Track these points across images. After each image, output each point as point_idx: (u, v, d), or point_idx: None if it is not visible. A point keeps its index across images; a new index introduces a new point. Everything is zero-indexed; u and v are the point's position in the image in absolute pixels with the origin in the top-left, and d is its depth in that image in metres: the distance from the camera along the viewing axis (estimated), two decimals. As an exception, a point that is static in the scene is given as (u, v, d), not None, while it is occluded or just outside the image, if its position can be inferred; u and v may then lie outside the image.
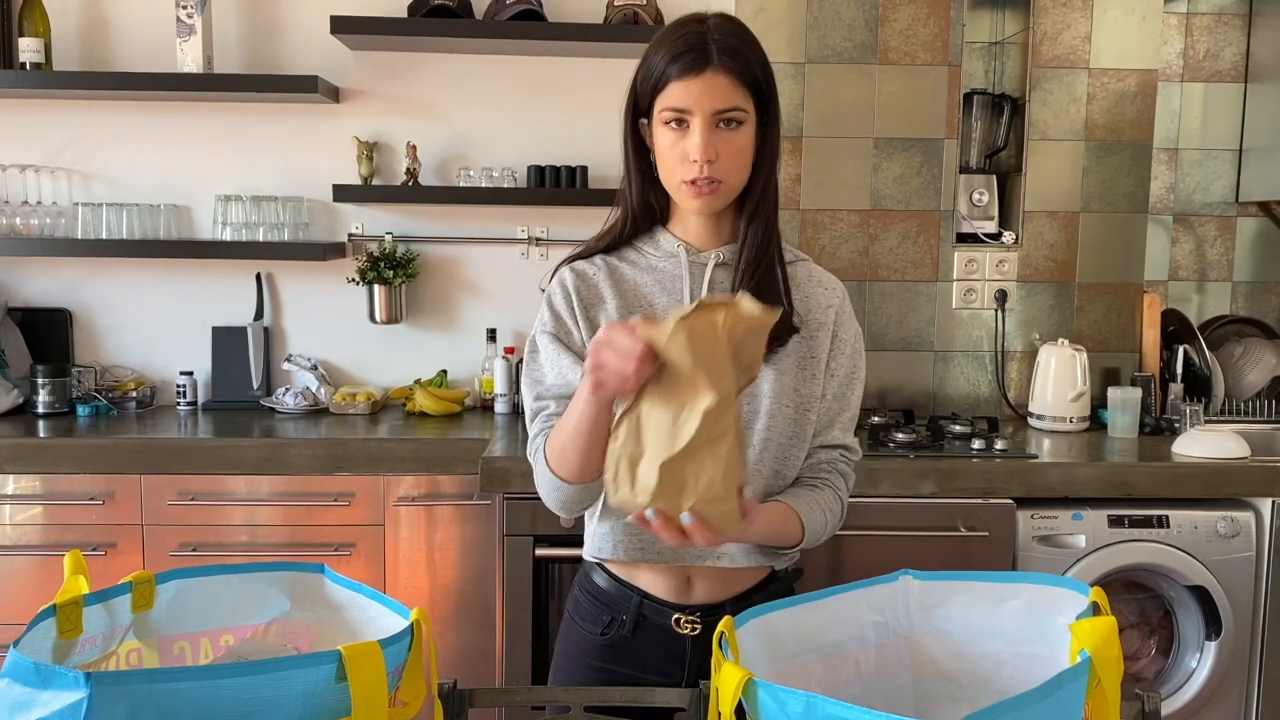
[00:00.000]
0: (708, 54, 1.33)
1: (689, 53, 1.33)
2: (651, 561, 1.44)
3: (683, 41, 1.34)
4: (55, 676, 0.83)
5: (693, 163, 1.34)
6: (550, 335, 1.44)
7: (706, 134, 1.33)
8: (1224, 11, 3.17)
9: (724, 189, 1.38)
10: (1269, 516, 2.49)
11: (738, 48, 1.35)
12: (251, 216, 2.95)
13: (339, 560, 2.55)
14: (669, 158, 1.37)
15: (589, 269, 1.47)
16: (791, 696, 0.89)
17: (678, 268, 1.45)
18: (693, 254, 1.45)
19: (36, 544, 2.57)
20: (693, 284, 1.43)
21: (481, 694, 1.22)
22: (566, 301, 1.44)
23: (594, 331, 1.37)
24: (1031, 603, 1.16)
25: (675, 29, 1.36)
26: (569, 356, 1.42)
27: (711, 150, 1.34)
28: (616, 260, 1.47)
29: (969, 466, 2.48)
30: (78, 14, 2.98)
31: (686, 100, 1.33)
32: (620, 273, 1.46)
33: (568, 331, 1.44)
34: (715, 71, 1.33)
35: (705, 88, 1.32)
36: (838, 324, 1.47)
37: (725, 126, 1.35)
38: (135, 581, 1.11)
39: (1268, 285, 3.26)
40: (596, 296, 1.45)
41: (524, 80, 3.04)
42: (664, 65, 1.34)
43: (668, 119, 1.35)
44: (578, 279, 1.45)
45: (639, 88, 1.38)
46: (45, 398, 2.84)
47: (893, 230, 2.98)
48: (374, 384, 3.11)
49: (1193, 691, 2.51)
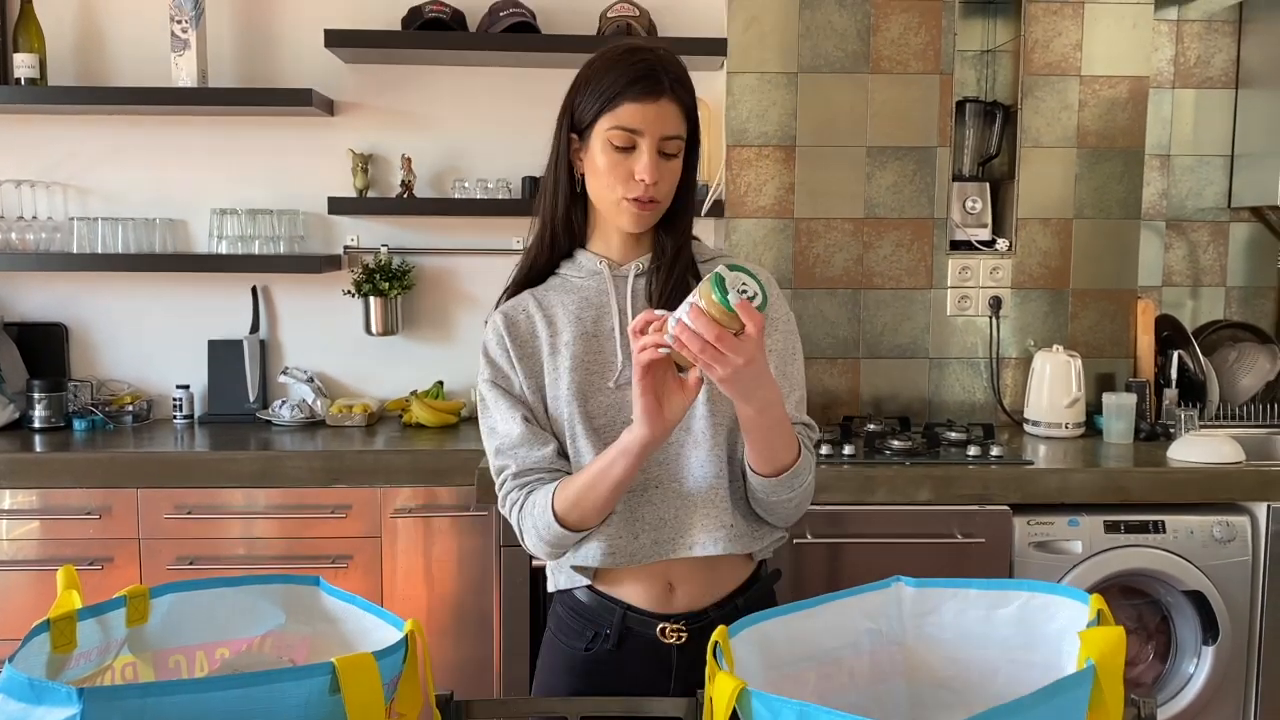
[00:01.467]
0: (662, 83, 1.39)
1: (647, 79, 1.39)
2: (626, 565, 1.44)
3: (640, 67, 1.39)
4: (48, 692, 0.83)
5: (639, 182, 1.40)
6: (489, 383, 1.50)
7: (655, 156, 1.40)
8: (1214, 18, 3.19)
9: (658, 209, 1.45)
10: (1265, 521, 2.49)
11: (686, 82, 1.43)
12: (247, 229, 2.96)
13: (336, 572, 2.55)
14: (609, 176, 1.42)
15: (518, 308, 1.52)
16: (786, 706, 0.89)
17: (602, 283, 1.50)
18: (614, 268, 1.51)
19: (33, 559, 2.56)
20: (618, 295, 1.49)
21: (479, 705, 1.21)
22: (501, 347, 1.49)
23: (532, 374, 1.48)
24: (1025, 610, 1.16)
25: (628, 54, 1.41)
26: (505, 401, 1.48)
27: (656, 173, 1.40)
28: (543, 291, 1.52)
29: (965, 473, 2.48)
30: (72, 29, 2.99)
31: (640, 122, 1.39)
32: (548, 301, 1.51)
33: (506, 378, 1.49)
34: (669, 100, 1.40)
35: (659, 114, 1.39)
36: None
37: (666, 153, 1.41)
38: (130, 595, 1.11)
39: (1261, 290, 3.27)
40: (530, 334, 1.50)
41: (518, 92, 3.06)
42: (620, 86, 1.39)
43: (615, 138, 1.40)
44: (508, 322, 1.50)
45: (579, 105, 1.43)
46: (41, 412, 2.84)
47: (886, 238, 2.99)
48: (370, 396, 3.11)
49: (1190, 697, 2.51)
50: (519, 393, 1.48)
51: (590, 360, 1.47)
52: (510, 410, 1.47)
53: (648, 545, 1.44)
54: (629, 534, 1.44)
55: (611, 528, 1.44)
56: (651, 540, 1.44)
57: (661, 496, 1.45)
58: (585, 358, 1.47)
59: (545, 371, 1.48)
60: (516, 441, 1.46)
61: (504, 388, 1.49)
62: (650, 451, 1.34)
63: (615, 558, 1.44)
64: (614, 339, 1.48)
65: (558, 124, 1.47)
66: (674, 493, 1.45)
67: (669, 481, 1.45)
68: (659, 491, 1.45)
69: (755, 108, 2.95)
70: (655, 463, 1.45)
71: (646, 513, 1.44)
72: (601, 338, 1.48)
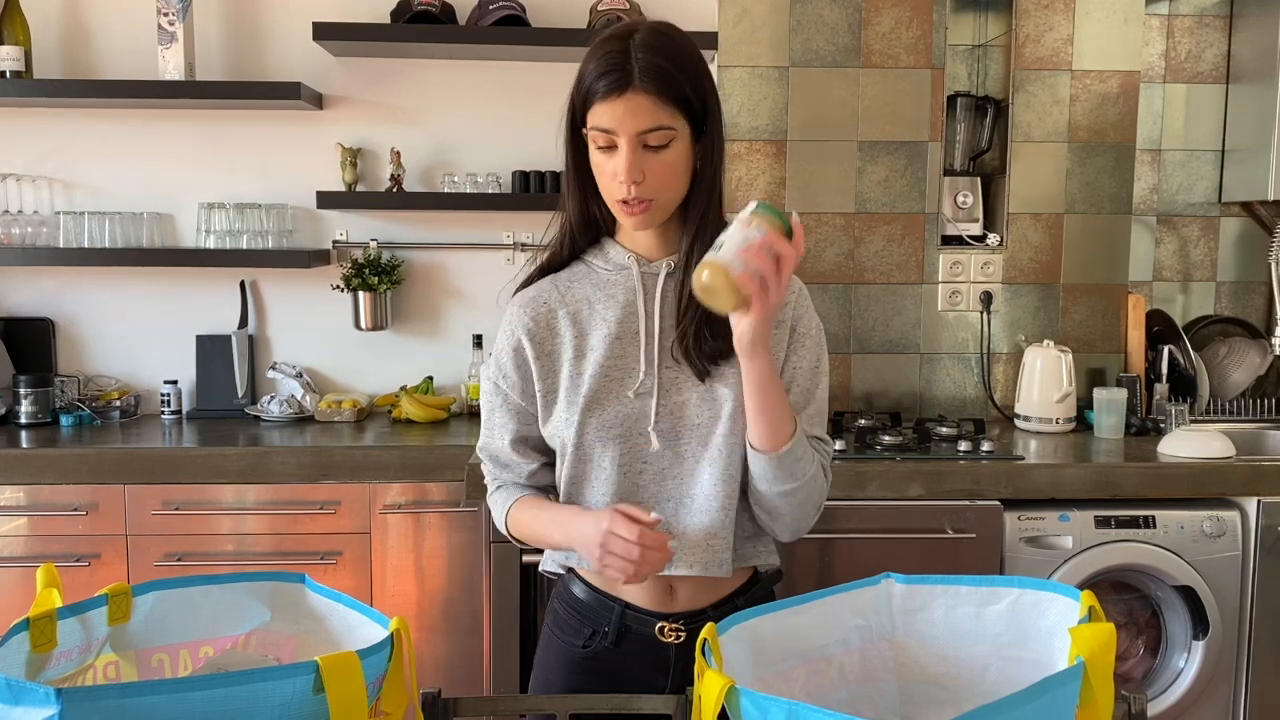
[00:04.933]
0: (629, 74, 1.29)
1: (610, 73, 1.30)
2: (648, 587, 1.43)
3: (605, 61, 1.31)
4: (26, 692, 0.82)
5: (621, 183, 1.33)
6: (492, 381, 1.49)
7: (633, 155, 1.31)
8: (1205, 13, 3.19)
9: (656, 206, 1.36)
10: (1254, 516, 2.50)
11: (661, 66, 1.30)
12: (235, 224, 2.94)
13: (325, 568, 2.54)
14: (602, 178, 1.37)
15: (539, 303, 1.45)
16: (774, 704, 0.89)
17: (629, 280, 1.43)
18: (644, 265, 1.44)
19: (20, 556, 2.55)
20: (646, 298, 1.42)
21: (466, 703, 1.21)
22: (513, 346, 1.45)
23: (549, 373, 1.44)
24: (1016, 606, 1.16)
25: (601, 45, 1.33)
26: (501, 410, 1.48)
27: (638, 171, 1.32)
28: (567, 282, 1.46)
29: (956, 468, 2.48)
30: (58, 22, 2.97)
31: (610, 121, 1.31)
32: (574, 295, 1.45)
33: (510, 380, 1.47)
34: (636, 92, 1.30)
35: (627, 109, 1.30)
36: (796, 319, 1.45)
37: (650, 145, 1.32)
38: (111, 594, 1.09)
39: (1251, 285, 3.27)
40: (551, 332, 1.44)
41: (508, 85, 3.04)
42: (589, 83, 1.32)
43: (597, 139, 1.34)
44: (528, 320, 1.44)
45: (574, 101, 1.36)
46: (28, 408, 2.83)
47: (877, 233, 2.99)
48: (359, 391, 3.10)
49: (1180, 691, 2.52)
50: (517, 403, 1.46)
51: (613, 366, 1.42)
52: (503, 425, 1.48)
53: None
54: None
55: None
56: None
57: (671, 512, 1.42)
58: (608, 364, 1.41)
59: (564, 374, 1.43)
60: (500, 456, 1.50)
61: (505, 391, 1.47)
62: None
63: None
64: (638, 344, 1.42)
65: (564, 120, 1.41)
66: (686, 509, 1.42)
67: (682, 498, 1.42)
68: (669, 506, 1.42)
69: (746, 102, 2.94)
70: (670, 478, 1.42)
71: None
72: (626, 340, 1.42)
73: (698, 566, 1.41)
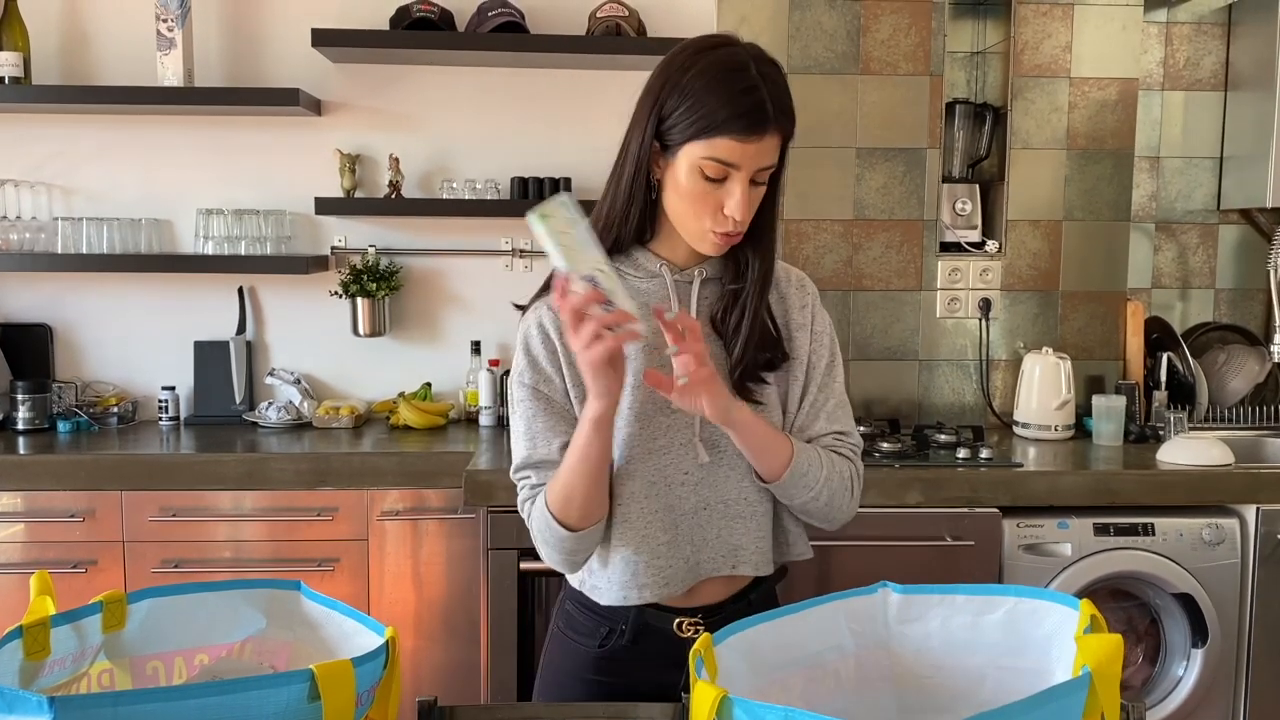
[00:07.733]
0: (767, 115, 1.27)
1: (753, 114, 1.26)
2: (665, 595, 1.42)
3: (747, 101, 1.26)
4: (19, 701, 0.81)
5: (727, 217, 1.31)
6: (529, 388, 1.40)
7: (750, 191, 1.31)
8: (1203, 21, 3.19)
9: (741, 236, 1.36)
10: (1254, 523, 2.49)
11: (789, 108, 1.31)
12: (233, 230, 2.94)
13: (322, 576, 2.54)
14: (696, 204, 1.32)
15: None
16: (769, 712, 0.88)
17: (662, 287, 1.41)
18: (676, 272, 1.42)
19: (16, 562, 2.54)
20: (681, 303, 1.41)
21: (463, 711, 1.20)
22: (547, 346, 1.40)
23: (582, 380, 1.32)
24: (1013, 615, 1.16)
25: (735, 76, 1.28)
26: (546, 416, 1.39)
27: (749, 210, 1.32)
28: None
29: (954, 476, 2.47)
30: (57, 28, 2.97)
31: (739, 158, 1.28)
32: None
33: (548, 380, 1.40)
34: (772, 134, 1.29)
35: (759, 150, 1.28)
36: (811, 318, 1.47)
37: (757, 182, 1.32)
38: (106, 601, 1.09)
39: (1250, 292, 3.27)
40: None
41: (507, 92, 3.04)
42: (721, 118, 1.26)
43: (707, 169, 1.29)
44: (557, 319, 1.38)
45: (673, 121, 1.29)
46: (25, 414, 2.82)
47: (876, 240, 2.99)
48: (357, 398, 3.10)
49: (1179, 699, 2.51)
50: (561, 396, 1.39)
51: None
52: (550, 430, 1.38)
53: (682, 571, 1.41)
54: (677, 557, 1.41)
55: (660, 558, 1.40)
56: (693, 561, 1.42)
57: (708, 518, 1.42)
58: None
59: None
60: (549, 460, 1.39)
61: (546, 395, 1.39)
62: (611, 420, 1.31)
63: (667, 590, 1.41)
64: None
65: (638, 120, 1.34)
66: (726, 515, 1.42)
67: (724, 504, 1.42)
68: (707, 513, 1.42)
69: (745, 109, 2.93)
70: (708, 486, 1.41)
71: (694, 534, 1.42)
72: (661, 348, 1.34)
73: (747, 567, 1.43)
